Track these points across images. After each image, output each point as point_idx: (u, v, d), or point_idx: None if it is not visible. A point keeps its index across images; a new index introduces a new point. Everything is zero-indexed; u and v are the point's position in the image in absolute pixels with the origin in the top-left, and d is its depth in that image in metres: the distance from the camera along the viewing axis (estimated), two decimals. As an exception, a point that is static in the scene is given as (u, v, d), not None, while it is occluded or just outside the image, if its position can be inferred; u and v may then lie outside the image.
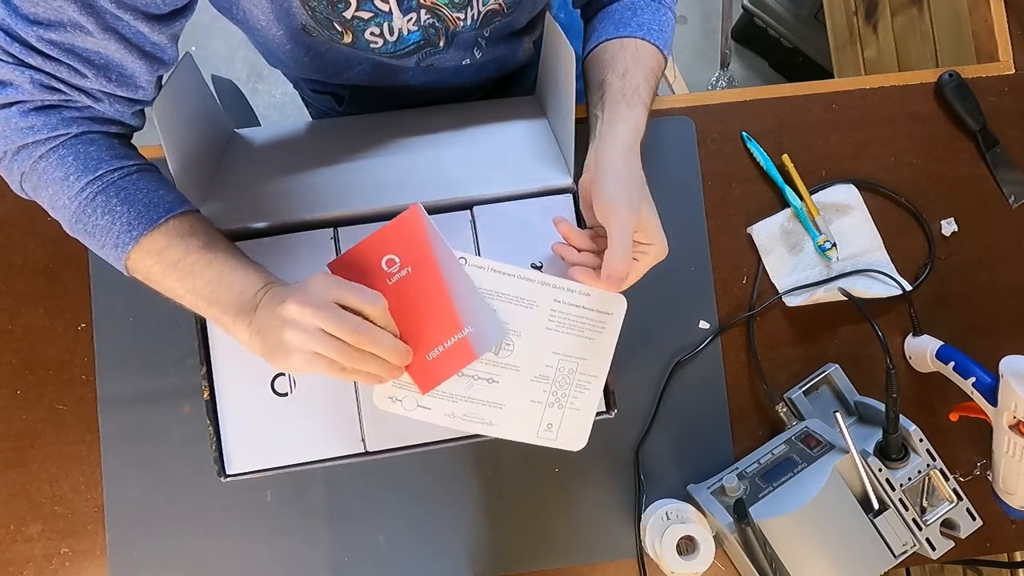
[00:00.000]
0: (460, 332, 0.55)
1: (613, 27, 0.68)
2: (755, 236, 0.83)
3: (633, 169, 0.60)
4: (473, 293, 0.56)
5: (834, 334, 0.83)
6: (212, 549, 0.77)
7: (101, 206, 0.54)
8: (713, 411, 0.81)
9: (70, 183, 0.54)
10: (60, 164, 0.54)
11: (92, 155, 0.55)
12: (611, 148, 0.60)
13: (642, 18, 0.68)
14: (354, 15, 0.61)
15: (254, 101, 1.81)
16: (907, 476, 0.69)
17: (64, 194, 0.54)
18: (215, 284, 0.54)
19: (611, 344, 0.62)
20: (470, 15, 0.66)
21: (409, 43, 0.67)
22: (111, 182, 0.54)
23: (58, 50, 0.51)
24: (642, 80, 0.65)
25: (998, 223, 0.86)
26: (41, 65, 0.51)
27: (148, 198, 0.55)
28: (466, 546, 0.78)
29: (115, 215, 0.54)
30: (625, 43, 0.67)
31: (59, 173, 0.54)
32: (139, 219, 0.54)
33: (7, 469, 0.77)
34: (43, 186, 0.55)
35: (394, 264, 0.49)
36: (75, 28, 0.50)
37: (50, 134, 0.53)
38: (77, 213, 0.55)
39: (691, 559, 0.70)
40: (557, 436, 0.61)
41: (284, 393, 0.63)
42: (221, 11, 0.63)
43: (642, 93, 0.64)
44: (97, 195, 0.54)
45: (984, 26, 0.94)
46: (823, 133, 0.85)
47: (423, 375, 0.55)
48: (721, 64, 1.84)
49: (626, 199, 0.57)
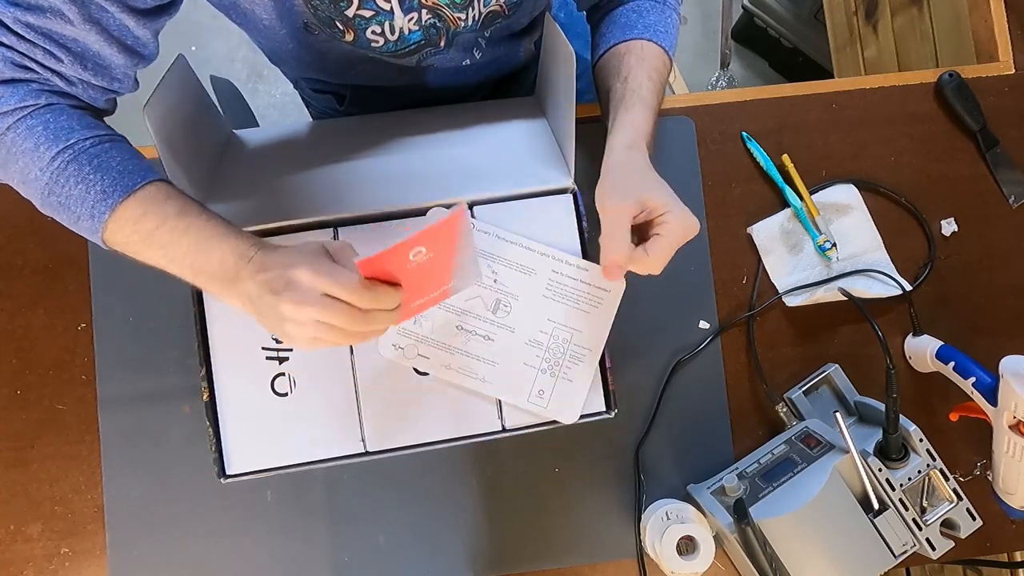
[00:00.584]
0: (445, 286, 0.56)
1: (619, 31, 0.69)
2: (755, 236, 0.83)
3: (630, 163, 0.61)
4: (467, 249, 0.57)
5: (834, 334, 0.83)
6: (212, 549, 0.77)
7: (74, 175, 0.52)
8: (713, 411, 0.81)
9: (40, 153, 0.52)
10: (29, 135, 0.53)
11: (63, 124, 0.53)
12: (608, 155, 0.62)
13: (647, 20, 0.69)
14: (356, 13, 0.61)
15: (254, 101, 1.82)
16: (907, 476, 0.69)
17: (35, 165, 0.53)
18: (195, 253, 0.53)
19: (607, 320, 0.64)
20: (471, 16, 0.66)
21: (410, 42, 0.67)
22: (83, 150, 0.53)
23: (34, 33, 0.51)
24: (644, 79, 0.65)
25: (998, 223, 0.86)
26: (14, 44, 0.51)
27: (122, 166, 0.54)
28: (466, 546, 0.78)
29: (89, 184, 0.52)
30: (631, 46, 0.68)
31: (28, 144, 0.53)
32: (114, 186, 0.52)
33: (7, 469, 0.77)
34: (12, 159, 0.54)
35: (420, 254, 0.50)
36: (56, 15, 0.50)
37: (17, 104, 0.52)
38: (50, 184, 0.53)
39: (691, 559, 0.70)
40: (548, 404, 0.64)
41: (284, 393, 0.63)
42: (222, 10, 0.63)
43: (643, 93, 0.65)
44: (69, 164, 0.53)
45: (984, 26, 0.94)
46: (823, 133, 0.85)
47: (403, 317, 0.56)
48: (721, 64, 1.84)
49: (618, 192, 0.59)
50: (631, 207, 0.58)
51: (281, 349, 0.63)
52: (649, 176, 0.60)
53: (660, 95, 0.67)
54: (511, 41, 0.76)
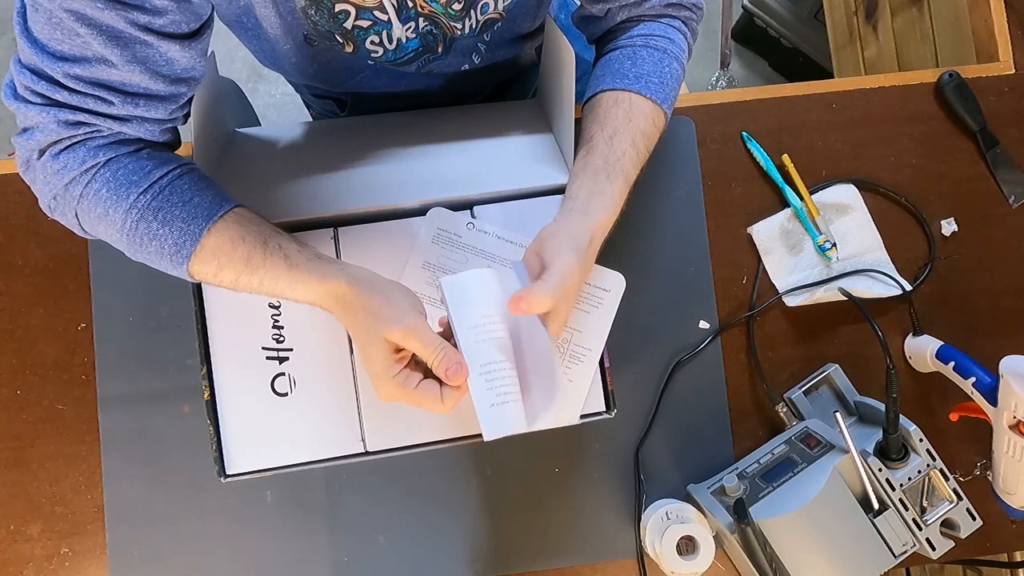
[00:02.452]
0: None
1: (610, 77, 0.65)
2: (755, 236, 0.83)
3: (585, 257, 0.56)
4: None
5: (834, 334, 0.83)
6: (212, 549, 0.77)
7: (145, 234, 0.54)
8: (713, 411, 0.81)
9: (111, 218, 0.54)
10: (96, 200, 0.54)
11: (122, 180, 0.54)
12: (578, 224, 0.57)
13: (641, 68, 0.64)
14: (354, 25, 0.61)
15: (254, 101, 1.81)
16: (907, 476, 0.69)
17: (112, 229, 0.54)
18: (284, 296, 0.55)
19: (607, 321, 0.63)
20: (468, 24, 0.66)
21: (408, 50, 0.67)
22: (146, 205, 0.53)
23: (84, 84, 0.51)
24: (629, 146, 0.61)
25: (998, 223, 0.86)
26: (67, 100, 0.51)
27: (185, 212, 0.54)
28: (466, 546, 0.78)
29: (160, 240, 0.53)
30: (619, 97, 0.63)
31: (99, 209, 0.54)
32: (184, 238, 0.53)
33: (7, 469, 0.77)
34: (93, 225, 0.55)
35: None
36: (100, 62, 0.50)
37: (80, 168, 0.53)
38: (130, 247, 0.55)
39: (691, 559, 0.70)
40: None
41: (284, 393, 0.63)
42: (230, 25, 0.63)
43: (624, 164, 0.60)
44: (138, 223, 0.53)
45: (984, 26, 0.94)
46: (823, 133, 0.85)
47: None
48: (721, 64, 1.84)
49: (535, 247, 0.56)
50: (537, 260, 0.56)
51: (281, 349, 0.63)
52: (576, 244, 0.56)
53: (641, 163, 0.63)
54: (511, 45, 0.76)
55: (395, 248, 0.64)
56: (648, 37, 0.66)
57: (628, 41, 0.67)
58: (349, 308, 0.53)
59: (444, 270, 0.64)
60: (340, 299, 0.54)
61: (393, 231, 0.65)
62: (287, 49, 0.64)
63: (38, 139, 0.53)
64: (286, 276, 0.54)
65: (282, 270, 0.54)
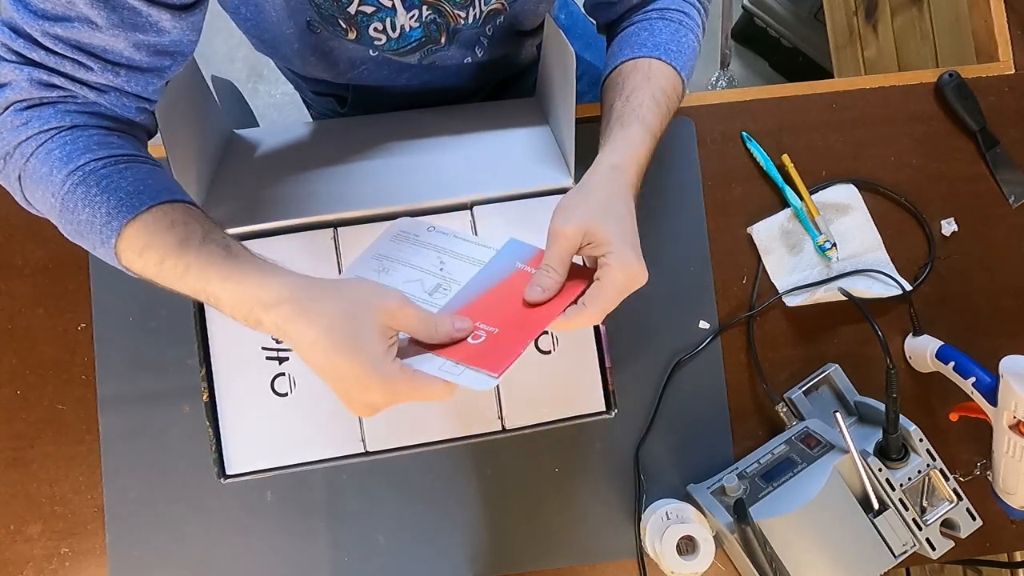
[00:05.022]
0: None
1: (628, 49, 0.66)
2: (755, 236, 0.83)
3: (605, 184, 0.55)
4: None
5: (834, 334, 0.83)
6: (212, 549, 0.77)
7: (81, 199, 0.48)
8: (713, 411, 0.81)
9: (52, 178, 0.48)
10: (46, 159, 0.49)
11: (80, 145, 0.49)
12: (591, 169, 0.57)
13: (659, 38, 0.65)
14: (358, 10, 0.61)
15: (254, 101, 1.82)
16: (907, 476, 0.69)
17: (48, 191, 0.49)
18: (209, 291, 0.48)
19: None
20: (472, 14, 0.66)
21: (411, 39, 0.67)
22: (93, 171, 0.48)
23: (64, 45, 0.48)
24: (647, 98, 0.61)
25: (998, 223, 0.86)
26: (43, 60, 0.48)
27: (134, 186, 0.48)
28: (466, 546, 0.78)
29: (95, 206, 0.47)
30: (638, 64, 0.64)
31: (44, 169, 0.48)
32: (119, 208, 0.47)
33: (7, 469, 0.77)
34: (33, 187, 0.50)
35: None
36: (84, 23, 0.47)
37: (40, 128, 0.49)
38: (62, 215, 0.49)
39: (691, 559, 0.70)
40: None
41: (284, 393, 0.63)
42: (229, 9, 0.63)
43: (641, 112, 0.60)
44: (78, 186, 0.48)
45: (984, 26, 0.94)
46: (823, 133, 0.85)
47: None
48: (721, 64, 1.84)
49: (566, 213, 0.53)
50: (573, 233, 0.52)
51: (281, 349, 0.63)
52: (613, 204, 0.54)
53: (664, 118, 0.62)
54: (513, 41, 0.76)
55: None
56: (663, 11, 0.67)
57: (643, 16, 0.68)
58: (311, 306, 0.45)
59: (399, 262, 0.60)
60: (295, 299, 0.46)
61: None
62: (289, 34, 0.64)
63: (7, 96, 0.49)
64: (221, 265, 0.47)
65: (218, 258, 0.47)
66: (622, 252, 0.51)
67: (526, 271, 0.56)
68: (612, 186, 0.55)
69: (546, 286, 0.52)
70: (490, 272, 0.57)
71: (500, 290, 0.55)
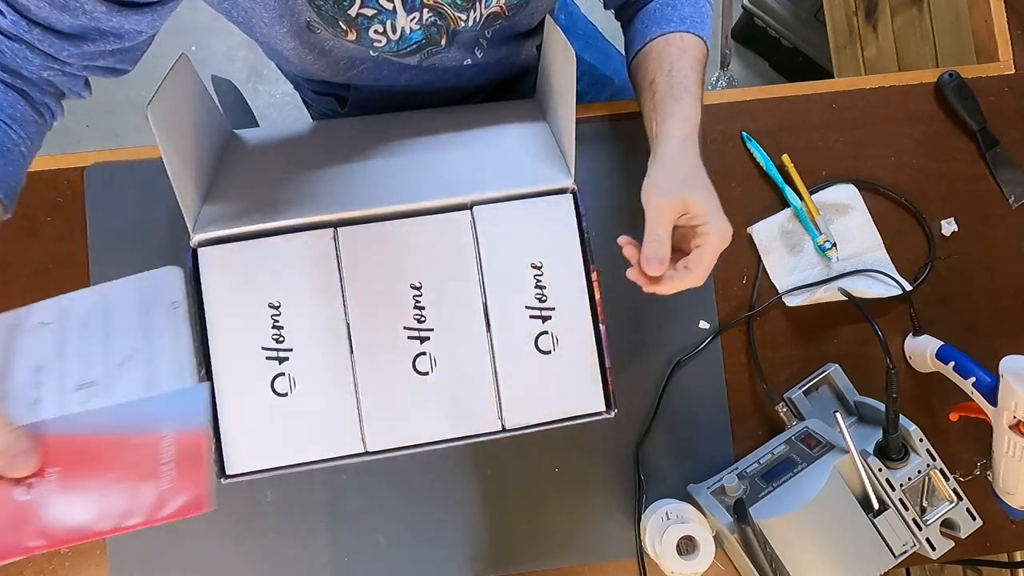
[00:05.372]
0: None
1: (655, 26, 0.70)
2: (755, 236, 0.83)
3: (684, 159, 0.62)
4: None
5: (834, 334, 0.83)
6: (212, 549, 0.76)
7: None
8: (713, 411, 0.81)
9: None
10: None
11: None
12: (662, 145, 0.63)
13: (683, 12, 0.70)
14: (358, 12, 0.61)
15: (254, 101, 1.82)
16: (907, 476, 0.69)
17: None
18: None
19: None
20: (472, 16, 0.66)
21: (411, 42, 0.67)
22: None
23: None
24: (688, 71, 0.67)
25: (998, 223, 0.86)
26: None
27: None
28: (466, 546, 0.78)
29: None
30: (670, 39, 0.69)
31: None
32: None
33: (7, 469, 0.77)
34: None
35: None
36: None
37: None
38: None
39: (691, 559, 0.70)
40: None
41: (284, 393, 0.63)
42: (221, 11, 0.63)
43: (688, 84, 0.66)
44: None
45: (984, 26, 0.94)
46: (823, 133, 0.85)
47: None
48: (721, 64, 1.84)
49: (662, 187, 0.60)
50: (675, 205, 0.59)
51: (281, 349, 0.63)
52: (698, 175, 0.61)
53: (702, 86, 0.68)
54: (513, 43, 0.76)
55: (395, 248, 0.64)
56: None
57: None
58: None
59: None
60: None
61: (393, 231, 0.65)
62: (282, 33, 0.64)
63: None
64: None
65: None
66: (716, 219, 0.59)
67: (169, 437, 0.47)
68: (688, 158, 0.62)
69: (662, 257, 0.58)
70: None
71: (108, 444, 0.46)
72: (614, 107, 0.85)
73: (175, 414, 0.49)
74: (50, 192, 0.78)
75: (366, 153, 0.71)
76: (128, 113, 1.73)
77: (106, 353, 0.51)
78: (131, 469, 0.46)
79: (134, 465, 0.46)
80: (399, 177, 0.68)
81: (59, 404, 0.48)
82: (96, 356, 0.51)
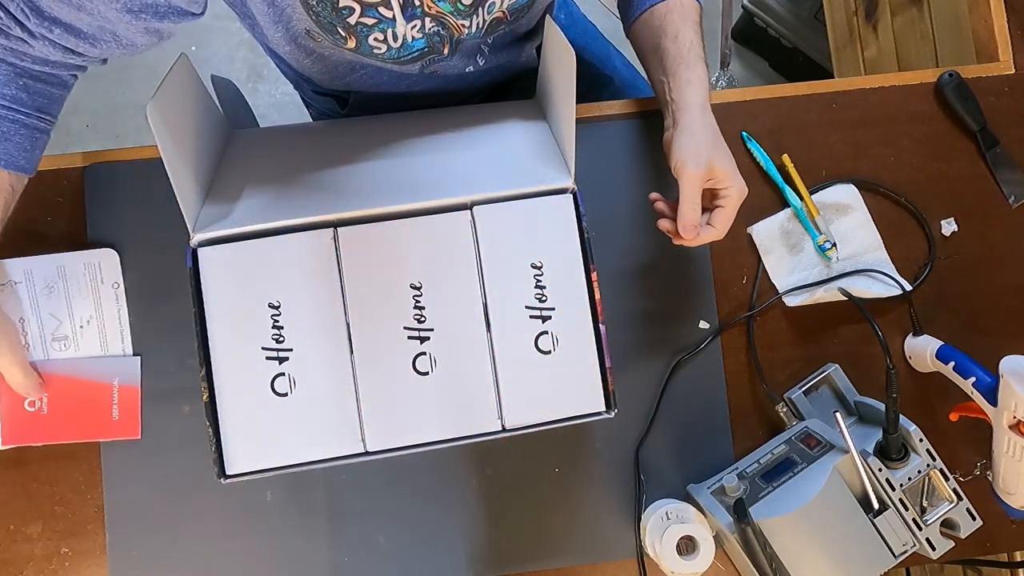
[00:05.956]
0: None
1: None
2: (755, 236, 0.83)
3: (706, 126, 0.67)
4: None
5: (834, 334, 0.83)
6: (212, 549, 0.77)
7: None
8: (713, 411, 0.81)
9: None
10: None
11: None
12: (686, 112, 0.67)
13: None
14: (358, 21, 0.61)
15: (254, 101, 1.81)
16: (907, 476, 0.69)
17: None
18: None
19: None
20: (475, 23, 0.66)
21: (413, 50, 0.67)
22: None
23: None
24: (693, 35, 0.71)
25: (998, 223, 0.86)
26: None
27: None
28: (466, 546, 0.78)
29: None
30: (670, 4, 0.73)
31: None
32: None
33: (7, 469, 0.77)
34: None
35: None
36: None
37: None
38: None
39: (691, 559, 0.70)
40: None
41: (284, 393, 0.63)
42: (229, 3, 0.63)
43: (697, 50, 0.70)
44: None
45: (984, 26, 0.94)
46: (823, 133, 0.85)
47: None
48: (721, 64, 1.84)
49: (694, 158, 0.65)
50: (705, 174, 0.65)
51: (281, 349, 0.63)
52: (718, 141, 0.67)
53: (703, 47, 0.72)
54: (514, 46, 0.76)
55: (395, 248, 0.64)
56: None
57: None
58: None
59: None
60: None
61: (393, 231, 0.65)
62: (277, 36, 0.64)
63: None
64: None
65: None
66: (736, 181, 0.66)
67: (113, 386, 0.73)
68: (710, 124, 0.67)
69: (696, 221, 0.65)
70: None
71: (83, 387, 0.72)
72: (614, 107, 0.85)
73: (120, 372, 0.74)
74: (50, 192, 0.78)
75: (366, 153, 0.71)
76: (128, 113, 1.73)
77: (70, 314, 0.72)
78: (93, 402, 0.73)
79: (95, 400, 0.73)
80: (399, 177, 0.68)
81: (43, 350, 0.73)
82: (63, 315, 0.73)
